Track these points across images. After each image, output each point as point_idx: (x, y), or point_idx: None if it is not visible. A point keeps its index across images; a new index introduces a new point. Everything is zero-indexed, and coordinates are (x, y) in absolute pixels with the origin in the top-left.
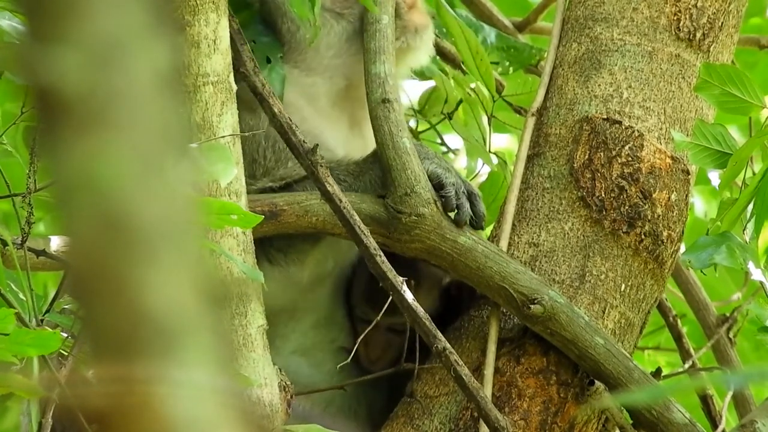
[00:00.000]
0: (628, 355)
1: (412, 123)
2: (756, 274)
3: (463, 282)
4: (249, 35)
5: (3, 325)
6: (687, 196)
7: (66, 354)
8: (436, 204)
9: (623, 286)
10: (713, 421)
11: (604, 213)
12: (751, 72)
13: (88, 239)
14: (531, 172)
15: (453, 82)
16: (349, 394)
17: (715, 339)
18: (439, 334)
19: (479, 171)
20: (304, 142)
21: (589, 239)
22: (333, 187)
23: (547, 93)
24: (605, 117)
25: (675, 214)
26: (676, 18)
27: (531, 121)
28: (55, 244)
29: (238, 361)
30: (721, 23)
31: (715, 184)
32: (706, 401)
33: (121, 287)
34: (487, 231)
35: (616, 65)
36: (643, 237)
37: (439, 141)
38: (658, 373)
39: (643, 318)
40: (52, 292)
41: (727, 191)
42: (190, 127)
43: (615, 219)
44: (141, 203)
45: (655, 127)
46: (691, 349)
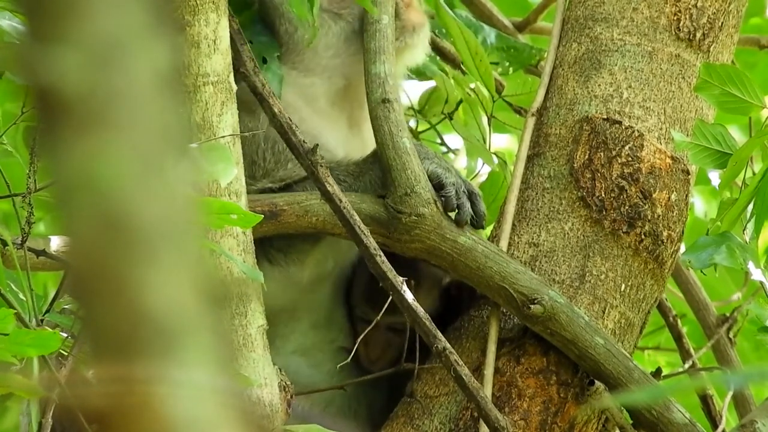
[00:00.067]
0: (628, 355)
1: (412, 123)
2: (756, 274)
3: (463, 282)
4: (247, 35)
5: (2, 325)
6: (687, 196)
7: (66, 354)
8: (436, 204)
9: (623, 286)
10: (713, 421)
11: (604, 213)
12: (751, 72)
13: (88, 239)
14: (531, 172)
15: (453, 82)
16: (349, 394)
17: (715, 339)
18: (439, 334)
19: (479, 171)
20: (304, 142)
21: (589, 239)
22: (333, 187)
23: (547, 93)
24: (605, 117)
25: (675, 214)
26: (676, 18)
27: (531, 121)
28: (55, 244)
29: (238, 361)
30: (721, 23)
31: (715, 184)
32: (706, 401)
33: (121, 287)
34: (487, 231)
35: (616, 65)
36: (643, 237)
37: (439, 141)
38: (658, 373)
39: (643, 318)
40: (52, 292)
41: (727, 191)
42: (190, 127)
43: (615, 219)
44: (141, 203)
45: (655, 127)
46: (691, 349)
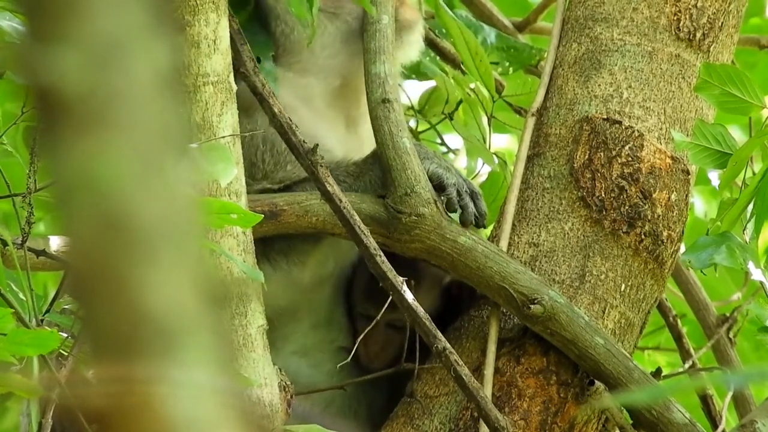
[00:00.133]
0: (628, 355)
1: (412, 123)
2: (756, 274)
3: (464, 282)
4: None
5: (1, 324)
6: (687, 196)
7: (66, 354)
8: (436, 204)
9: (623, 286)
10: (713, 421)
11: (604, 213)
12: (751, 72)
13: (88, 239)
14: (531, 172)
15: (453, 82)
16: (349, 394)
17: (715, 339)
18: (439, 334)
19: (479, 171)
20: (304, 142)
21: (589, 239)
22: (333, 187)
23: (547, 93)
24: (605, 117)
25: (675, 214)
26: (676, 18)
27: (531, 121)
28: (55, 244)
29: (238, 361)
30: (721, 23)
31: (715, 184)
32: (706, 401)
33: (121, 287)
34: (487, 231)
35: (616, 65)
36: (643, 237)
37: (439, 141)
38: (658, 373)
39: (643, 318)
40: (52, 292)
41: (727, 191)
42: (190, 127)
43: (615, 219)
44: (141, 203)
45: (655, 127)
46: (691, 349)
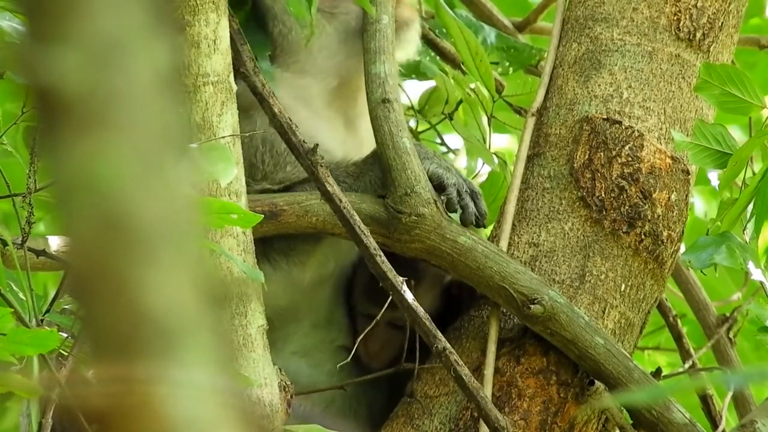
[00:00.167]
0: (628, 355)
1: (412, 123)
2: (756, 274)
3: (464, 282)
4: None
5: (1, 324)
6: (687, 196)
7: (66, 354)
8: (436, 204)
9: (623, 286)
10: (713, 421)
11: (604, 213)
12: (751, 72)
13: (88, 239)
14: (531, 172)
15: (453, 82)
16: (349, 394)
17: (715, 339)
18: (439, 334)
19: (479, 171)
20: (304, 142)
21: (589, 239)
22: (333, 187)
23: (547, 93)
24: (605, 117)
25: (675, 214)
26: (676, 18)
27: (531, 121)
28: (55, 244)
29: (238, 361)
30: (721, 23)
31: (715, 184)
32: (706, 401)
33: (121, 287)
34: (487, 231)
35: (616, 65)
36: (643, 237)
37: (439, 141)
38: (658, 373)
39: (643, 318)
40: (52, 292)
41: (727, 191)
42: (190, 127)
43: (615, 219)
44: (141, 203)
45: (655, 127)
46: (691, 349)
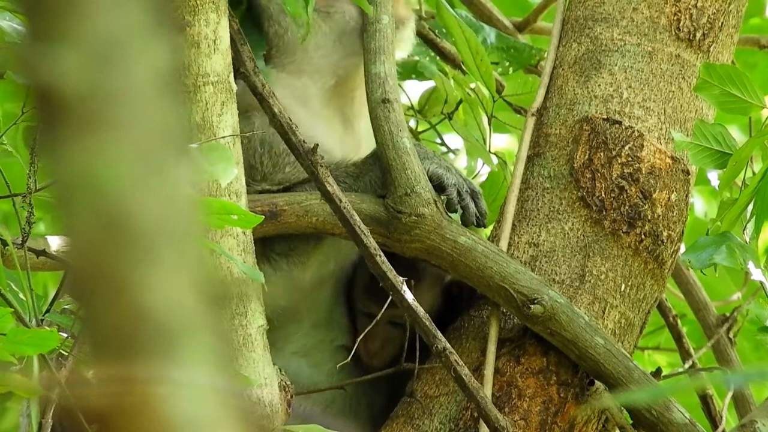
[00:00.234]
0: (628, 355)
1: (412, 123)
2: (756, 274)
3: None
4: None
5: (1, 324)
6: (687, 196)
7: (66, 354)
8: (436, 204)
9: (623, 286)
10: (713, 421)
11: (604, 213)
12: (751, 72)
13: (88, 239)
14: (531, 172)
15: (453, 82)
16: (349, 394)
17: (715, 339)
18: (439, 334)
19: (479, 171)
20: (304, 142)
21: (589, 239)
22: (333, 187)
23: (547, 93)
24: (605, 117)
25: (675, 214)
26: (676, 18)
27: (531, 121)
28: (55, 244)
29: (238, 361)
30: (721, 23)
31: (715, 184)
32: (706, 401)
33: (121, 287)
34: (487, 231)
35: (616, 65)
36: (643, 237)
37: (439, 141)
38: (658, 373)
39: (643, 318)
40: (52, 292)
41: (727, 191)
42: (190, 127)
43: (615, 219)
44: (141, 203)
45: (655, 127)
46: (691, 349)
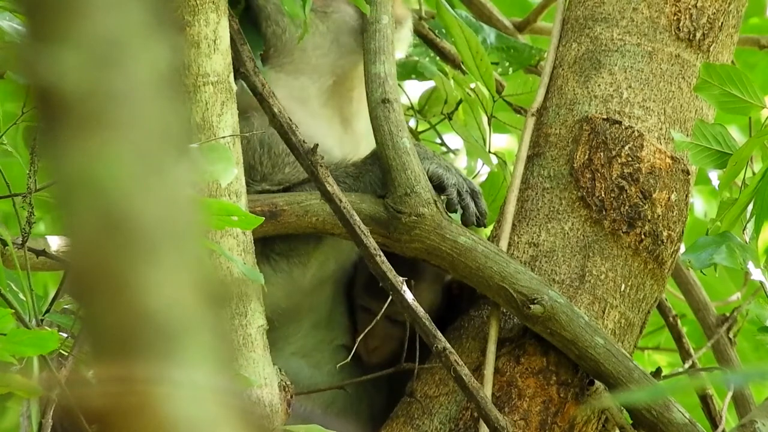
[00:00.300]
0: (628, 355)
1: (412, 123)
2: (756, 274)
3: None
4: None
5: (1, 324)
6: (687, 196)
7: (66, 354)
8: (436, 204)
9: (623, 286)
10: (713, 421)
11: (604, 213)
12: (751, 72)
13: (88, 239)
14: (531, 172)
15: (453, 82)
16: (349, 394)
17: (715, 339)
18: (439, 334)
19: (479, 171)
20: (304, 142)
21: (589, 239)
22: (333, 187)
23: (547, 93)
24: (605, 117)
25: (675, 214)
26: (676, 18)
27: (531, 121)
28: (55, 244)
29: (238, 361)
30: (721, 23)
31: (715, 184)
32: (706, 401)
33: (121, 287)
34: (487, 231)
35: (616, 65)
36: (643, 237)
37: (439, 141)
38: (658, 373)
39: (643, 318)
40: (52, 292)
41: (727, 191)
42: (190, 127)
43: (615, 219)
44: (141, 203)
45: (655, 127)
46: (691, 349)
